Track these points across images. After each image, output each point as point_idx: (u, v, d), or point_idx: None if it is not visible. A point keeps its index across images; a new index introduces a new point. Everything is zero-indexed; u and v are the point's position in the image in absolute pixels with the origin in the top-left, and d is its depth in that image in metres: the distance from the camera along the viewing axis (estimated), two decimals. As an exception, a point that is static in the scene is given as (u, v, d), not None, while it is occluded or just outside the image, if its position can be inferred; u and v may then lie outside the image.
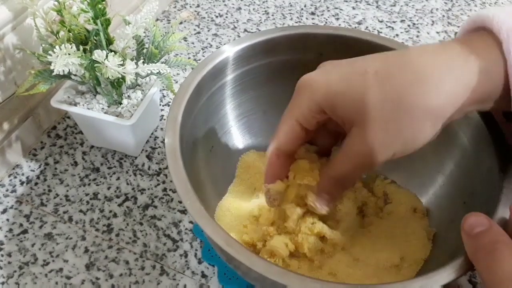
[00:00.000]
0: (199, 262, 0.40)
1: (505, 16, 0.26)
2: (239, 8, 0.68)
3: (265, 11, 0.67)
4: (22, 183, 0.46)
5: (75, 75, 0.42)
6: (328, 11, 0.68)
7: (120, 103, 0.44)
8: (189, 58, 0.59)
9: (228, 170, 0.43)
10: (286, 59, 0.42)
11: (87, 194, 0.45)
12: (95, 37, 0.40)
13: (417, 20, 0.67)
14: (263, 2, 0.69)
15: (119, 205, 0.44)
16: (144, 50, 0.43)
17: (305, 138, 0.32)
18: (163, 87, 0.44)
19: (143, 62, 0.40)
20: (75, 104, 0.44)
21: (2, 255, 0.40)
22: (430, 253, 0.36)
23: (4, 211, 0.44)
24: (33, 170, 0.47)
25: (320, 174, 0.33)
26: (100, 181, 0.46)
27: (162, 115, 0.52)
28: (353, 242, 0.37)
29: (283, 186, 0.34)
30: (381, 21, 0.66)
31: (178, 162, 0.31)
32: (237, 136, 0.44)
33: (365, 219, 0.40)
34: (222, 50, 0.38)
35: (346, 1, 0.70)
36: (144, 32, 0.42)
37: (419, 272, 0.35)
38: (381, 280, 0.35)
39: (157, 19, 0.66)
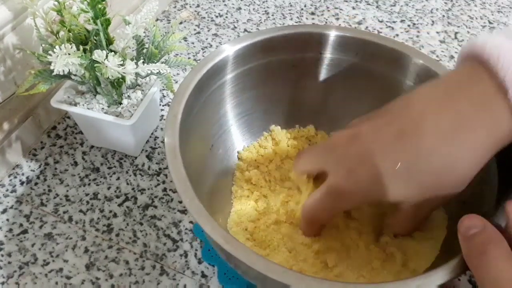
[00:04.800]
0: (199, 262, 0.40)
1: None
2: (239, 8, 0.68)
3: (265, 11, 0.67)
4: (22, 183, 0.46)
5: (75, 75, 0.42)
6: (328, 11, 0.68)
7: (120, 103, 0.44)
8: (189, 58, 0.59)
9: (228, 168, 0.43)
10: (285, 58, 0.42)
11: (87, 194, 0.45)
12: (95, 37, 0.40)
13: (417, 20, 0.67)
14: (263, 2, 0.69)
15: (119, 205, 0.44)
16: (144, 50, 0.44)
17: None
18: (163, 87, 0.44)
19: (143, 62, 0.40)
20: (75, 104, 0.44)
21: (2, 255, 0.41)
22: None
23: (4, 211, 0.44)
24: (33, 170, 0.47)
25: None
26: (100, 181, 0.46)
27: (162, 115, 0.52)
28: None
29: None
30: (381, 21, 0.66)
31: (177, 160, 0.31)
32: (236, 135, 0.44)
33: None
34: (221, 49, 0.38)
35: (346, 1, 0.70)
36: (144, 32, 0.42)
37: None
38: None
39: (157, 19, 0.66)
